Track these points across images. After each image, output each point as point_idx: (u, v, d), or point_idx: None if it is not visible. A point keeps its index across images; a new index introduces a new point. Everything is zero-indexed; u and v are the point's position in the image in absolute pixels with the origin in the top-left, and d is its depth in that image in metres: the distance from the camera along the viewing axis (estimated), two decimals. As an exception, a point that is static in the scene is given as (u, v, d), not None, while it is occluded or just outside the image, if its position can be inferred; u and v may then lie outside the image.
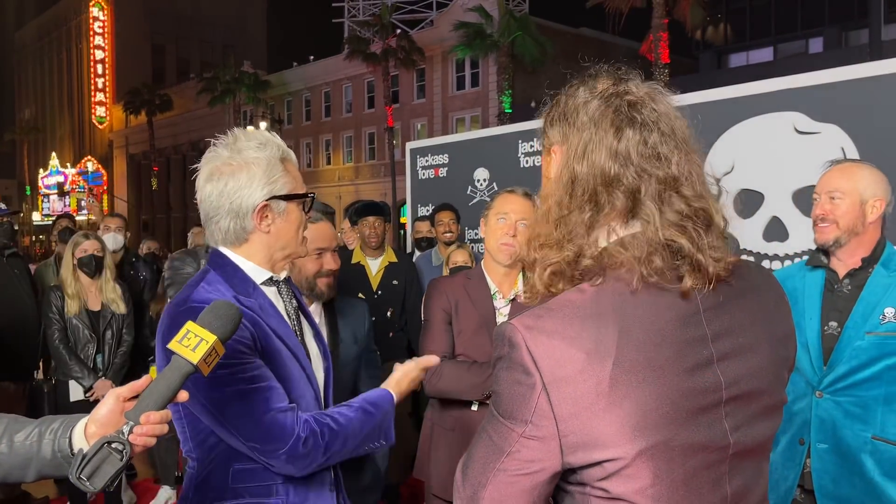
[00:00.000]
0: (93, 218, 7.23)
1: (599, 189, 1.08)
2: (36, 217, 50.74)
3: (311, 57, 37.82)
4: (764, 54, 32.16)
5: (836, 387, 2.35)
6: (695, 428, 1.03)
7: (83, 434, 1.29)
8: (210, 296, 1.63)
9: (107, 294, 4.14)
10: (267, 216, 1.69)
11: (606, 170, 1.07)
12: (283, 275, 1.81)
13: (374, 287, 4.59)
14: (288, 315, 1.79)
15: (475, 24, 26.31)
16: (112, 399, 1.29)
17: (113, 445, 1.19)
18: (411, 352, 4.34)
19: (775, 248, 3.64)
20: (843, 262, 2.42)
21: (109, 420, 1.27)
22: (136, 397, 1.29)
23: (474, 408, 2.56)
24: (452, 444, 2.59)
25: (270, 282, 1.77)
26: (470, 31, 26.39)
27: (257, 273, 1.74)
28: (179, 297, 1.68)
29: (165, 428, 1.26)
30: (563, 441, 1.01)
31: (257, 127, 32.55)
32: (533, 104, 24.99)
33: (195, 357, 1.25)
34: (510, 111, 25.17)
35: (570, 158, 1.11)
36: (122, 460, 1.19)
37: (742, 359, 1.09)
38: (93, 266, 4.16)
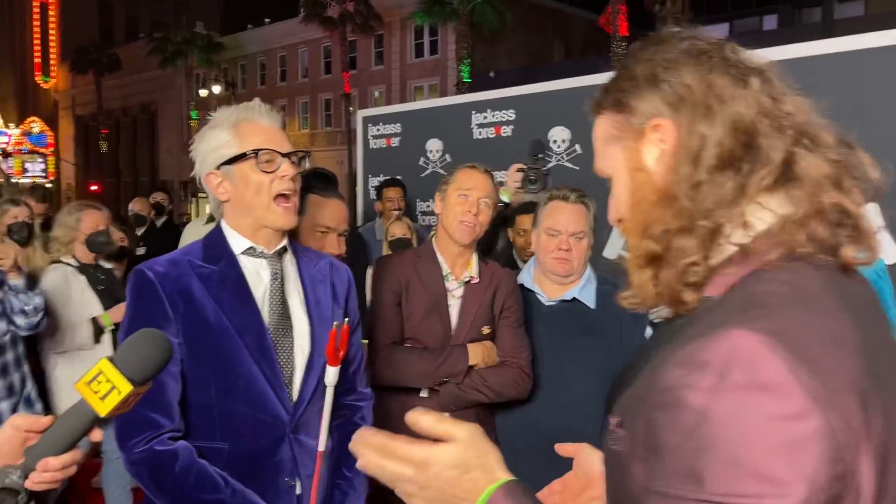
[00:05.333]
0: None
1: (739, 152, 0.87)
2: (-23, 179, 48.95)
3: (267, 20, 36.90)
4: (720, 30, 31.89)
5: None
6: None
7: None
8: (159, 264, 1.67)
9: (35, 262, 3.97)
10: (221, 183, 1.70)
11: (746, 126, 0.87)
12: (278, 245, 1.76)
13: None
14: (270, 289, 1.74)
15: (435, -9, 25.93)
16: (10, 428, 1.15)
17: (7, 489, 1.06)
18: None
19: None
20: None
21: (7, 451, 1.14)
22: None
23: (424, 394, 2.48)
24: (399, 430, 2.50)
25: (255, 252, 1.73)
26: (429, -3, 26.01)
27: (239, 243, 1.73)
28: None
29: (71, 471, 1.12)
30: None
31: (210, 91, 31.82)
32: (492, 74, 24.83)
33: (103, 409, 1.06)
34: (469, 80, 24.93)
35: (691, 124, 0.89)
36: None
37: None
38: (24, 233, 3.99)
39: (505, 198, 3.25)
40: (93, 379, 1.07)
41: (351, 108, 29.21)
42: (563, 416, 2.45)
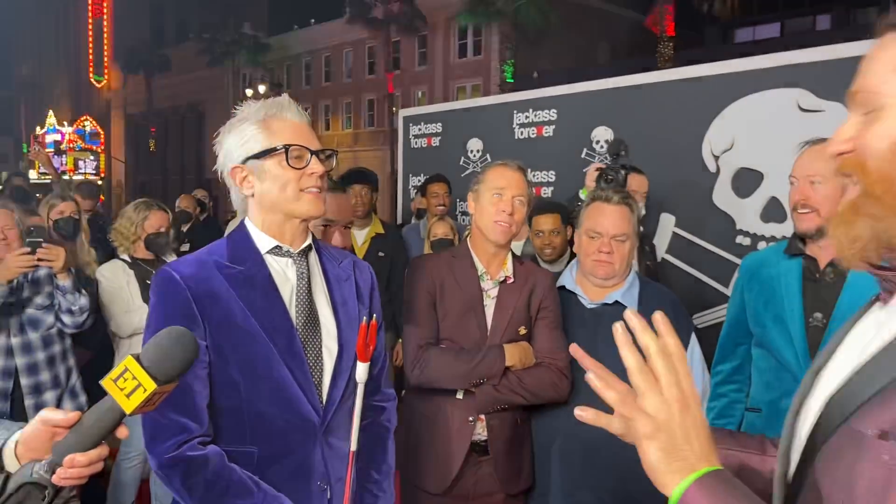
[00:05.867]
0: (47, 175, 7.20)
1: None
2: (32, 175, 50.29)
3: (313, 20, 37.27)
4: (771, 30, 31.69)
5: None
6: None
7: (13, 454, 1.20)
8: (185, 265, 1.63)
9: (82, 257, 4.04)
10: (246, 178, 1.67)
11: None
12: (303, 244, 1.73)
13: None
14: (297, 289, 1.70)
15: (479, -9, 25.86)
16: (39, 423, 1.17)
17: (34, 484, 1.07)
18: (397, 326, 4.24)
19: (773, 229, 3.54)
20: (825, 250, 2.26)
21: (36, 445, 1.16)
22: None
23: (459, 395, 2.43)
24: (434, 433, 2.47)
25: (280, 252, 1.70)
26: (473, -3, 25.95)
27: (263, 241, 1.70)
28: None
29: (97, 467, 1.13)
30: None
31: (256, 90, 32.25)
32: (535, 75, 24.66)
33: (129, 406, 1.07)
34: (512, 81, 24.82)
35: None
36: (44, 500, 1.07)
37: None
38: (70, 228, 4.07)
39: (585, 197, 3.23)
40: (119, 376, 1.07)
41: (394, 109, 29.32)
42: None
